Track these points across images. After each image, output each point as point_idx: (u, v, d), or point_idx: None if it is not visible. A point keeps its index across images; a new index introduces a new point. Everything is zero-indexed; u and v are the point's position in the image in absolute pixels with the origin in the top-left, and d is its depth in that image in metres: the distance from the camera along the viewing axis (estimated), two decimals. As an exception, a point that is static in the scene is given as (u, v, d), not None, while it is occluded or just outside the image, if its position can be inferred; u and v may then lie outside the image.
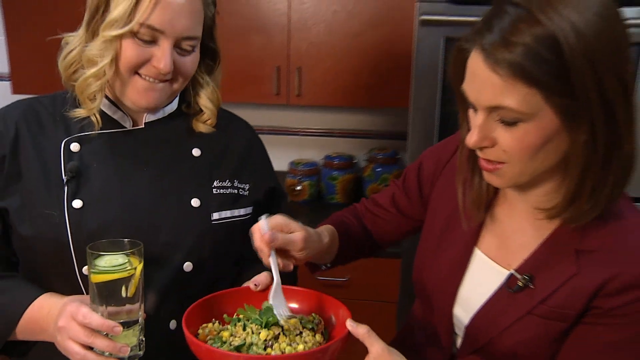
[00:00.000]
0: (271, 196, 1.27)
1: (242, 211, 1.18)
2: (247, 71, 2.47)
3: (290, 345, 0.89)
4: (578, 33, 0.76)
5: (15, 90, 2.67)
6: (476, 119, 0.86)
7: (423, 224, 1.18)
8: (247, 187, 1.20)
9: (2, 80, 2.95)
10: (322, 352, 0.85)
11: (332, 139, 2.90)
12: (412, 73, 2.11)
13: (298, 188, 2.73)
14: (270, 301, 0.94)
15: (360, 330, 0.87)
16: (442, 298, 1.04)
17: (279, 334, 0.91)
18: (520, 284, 0.93)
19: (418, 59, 2.08)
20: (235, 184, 1.18)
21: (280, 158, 2.77)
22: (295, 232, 0.98)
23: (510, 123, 0.83)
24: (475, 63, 0.83)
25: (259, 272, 1.07)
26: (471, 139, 0.87)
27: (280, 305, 0.95)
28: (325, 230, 1.12)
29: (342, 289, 2.31)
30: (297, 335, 0.92)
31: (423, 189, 1.16)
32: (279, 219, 0.98)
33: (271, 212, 1.24)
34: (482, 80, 0.82)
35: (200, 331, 0.95)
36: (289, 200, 1.43)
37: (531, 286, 0.93)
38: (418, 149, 2.13)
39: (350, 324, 0.88)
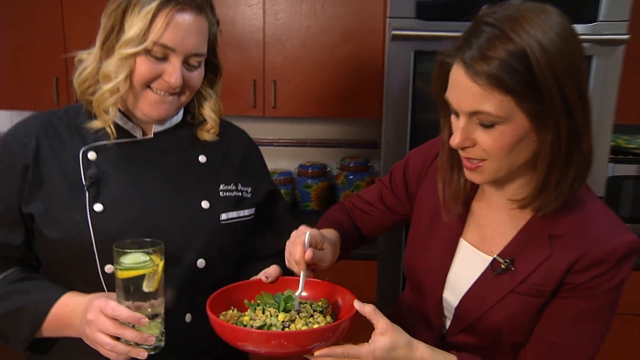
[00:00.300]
0: (270, 198, 1.37)
1: (246, 212, 1.27)
2: (224, 85, 2.50)
3: (306, 325, 1.00)
4: (543, 49, 0.89)
5: (11, 106, 2.71)
6: (458, 123, 0.99)
7: (407, 219, 1.30)
8: (249, 190, 1.29)
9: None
10: (335, 328, 0.96)
11: (306, 149, 3.01)
12: (384, 85, 2.25)
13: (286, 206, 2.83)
14: (296, 305, 1.04)
15: (367, 309, 0.99)
16: (432, 284, 1.16)
17: (295, 317, 1.02)
18: (503, 266, 1.06)
19: (389, 71, 2.21)
20: (239, 187, 1.28)
21: (256, 168, 2.86)
22: (326, 250, 1.10)
23: (488, 125, 0.95)
24: (457, 74, 0.96)
25: (259, 269, 1.17)
26: (455, 140, 0.99)
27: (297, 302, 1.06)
28: (336, 238, 1.22)
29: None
30: (309, 317, 1.02)
31: (409, 187, 1.28)
32: (316, 235, 1.08)
33: (271, 213, 1.35)
34: (464, 89, 0.95)
35: (221, 317, 1.05)
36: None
37: (512, 268, 1.06)
38: (390, 157, 2.27)
39: (357, 304, 0.99)
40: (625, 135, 2.58)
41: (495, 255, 1.08)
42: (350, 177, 2.83)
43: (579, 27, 2.06)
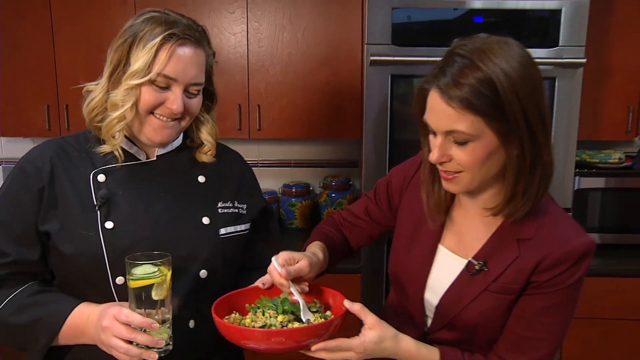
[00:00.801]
0: (263, 214, 1.48)
1: (242, 227, 1.39)
2: None
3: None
4: (507, 76, 1.03)
5: (3, 133, 2.79)
6: (436, 141, 1.12)
7: (391, 229, 1.43)
8: (244, 207, 1.41)
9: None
10: (328, 324, 1.08)
11: (290, 169, 3.14)
12: (363, 107, 2.39)
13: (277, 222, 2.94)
14: (302, 316, 1.15)
15: (356, 307, 1.11)
16: (414, 286, 1.28)
17: (293, 317, 1.13)
18: (477, 268, 1.19)
19: (368, 94, 2.36)
20: (236, 204, 1.39)
21: (242, 188, 2.98)
22: (300, 262, 1.20)
23: (462, 143, 1.09)
24: (434, 99, 1.09)
25: (255, 278, 1.28)
26: (433, 156, 1.13)
27: (306, 313, 1.17)
28: (318, 248, 1.34)
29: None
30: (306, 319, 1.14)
31: (392, 200, 1.41)
32: (284, 255, 1.20)
33: (264, 228, 1.47)
34: (440, 112, 1.08)
35: (225, 320, 1.15)
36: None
37: (485, 269, 1.19)
38: (371, 174, 2.40)
39: (347, 303, 1.12)
40: (590, 150, 2.76)
41: (470, 258, 1.21)
42: (333, 195, 2.96)
43: (541, 52, 2.26)
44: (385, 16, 2.29)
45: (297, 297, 1.17)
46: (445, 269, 1.25)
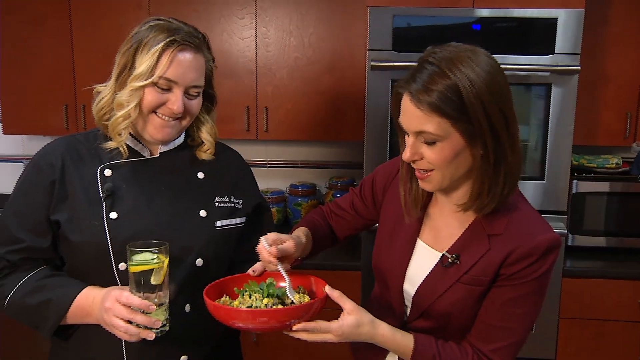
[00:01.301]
0: (258, 209, 1.58)
1: (237, 220, 1.49)
2: (220, 111, 2.74)
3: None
4: (472, 83, 1.12)
5: (6, 130, 2.93)
6: (408, 141, 1.22)
7: (374, 223, 1.53)
8: (240, 202, 1.51)
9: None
10: (308, 306, 1.18)
11: (296, 170, 3.25)
12: (365, 110, 2.49)
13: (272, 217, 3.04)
14: (288, 293, 1.25)
15: (335, 293, 1.21)
16: (394, 278, 1.37)
17: (277, 301, 1.23)
18: (450, 260, 1.28)
19: (369, 98, 2.45)
20: (232, 199, 1.49)
21: (250, 188, 3.09)
22: (286, 242, 1.30)
23: (431, 143, 1.18)
24: (406, 102, 1.19)
25: (248, 269, 1.38)
26: (405, 155, 1.22)
27: (291, 292, 1.27)
28: (302, 233, 1.44)
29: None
30: (290, 302, 1.24)
31: (376, 197, 1.50)
32: (272, 235, 1.30)
33: (259, 222, 1.57)
34: (410, 114, 1.18)
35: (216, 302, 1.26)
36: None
37: (458, 262, 1.27)
38: (372, 175, 2.49)
39: (328, 289, 1.21)
40: (588, 155, 2.82)
41: (444, 252, 1.30)
42: (338, 195, 3.05)
43: (538, 59, 2.34)
44: (386, 23, 2.38)
45: (283, 274, 1.26)
46: (423, 262, 1.34)
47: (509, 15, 2.36)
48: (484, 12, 2.37)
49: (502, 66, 2.25)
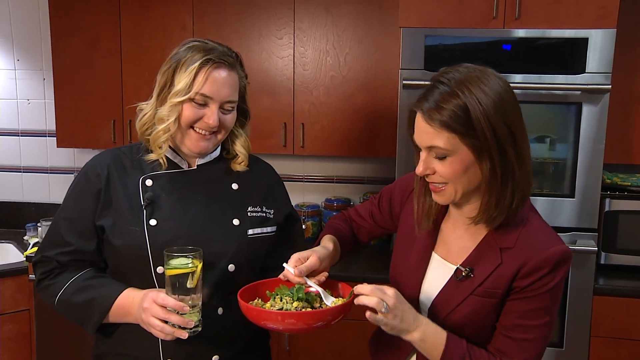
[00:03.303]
0: (288, 220, 1.66)
1: (268, 229, 1.57)
2: (259, 127, 2.89)
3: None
4: (479, 101, 1.19)
5: (59, 144, 3.12)
6: (421, 156, 1.29)
7: (392, 231, 1.60)
8: (272, 212, 1.60)
9: (50, 136, 3.44)
10: (334, 310, 1.27)
11: (332, 184, 3.33)
12: (397, 128, 2.56)
13: (303, 227, 3.13)
14: (325, 301, 1.34)
15: (366, 289, 1.25)
16: (410, 289, 1.42)
17: (307, 305, 1.32)
18: (464, 274, 1.33)
19: (401, 116, 2.52)
20: (264, 209, 1.58)
21: (286, 201, 3.20)
22: (310, 258, 1.38)
23: (441, 157, 1.25)
24: (418, 120, 1.27)
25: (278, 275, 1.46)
26: (419, 169, 1.30)
27: (327, 298, 1.36)
28: (329, 241, 1.52)
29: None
30: (319, 306, 1.33)
31: (394, 209, 1.58)
32: (294, 257, 1.38)
33: (289, 232, 1.65)
34: (422, 130, 1.25)
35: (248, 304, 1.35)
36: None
37: (472, 275, 1.33)
38: (404, 190, 2.55)
39: (357, 288, 1.27)
40: (622, 174, 2.81)
41: (458, 265, 1.35)
42: (371, 210, 3.12)
43: (569, 78, 2.37)
44: (418, 43, 2.46)
45: (314, 287, 1.35)
46: (437, 275, 1.39)
47: (539, 36, 2.41)
48: (515, 33, 2.41)
49: (532, 85, 2.32)
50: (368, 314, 1.23)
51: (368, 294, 1.24)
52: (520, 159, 1.25)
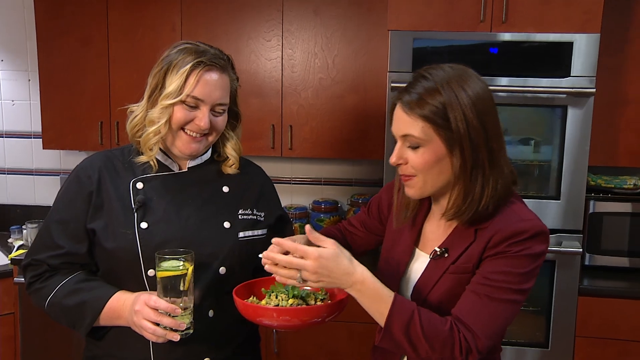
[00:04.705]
0: (279, 221, 1.67)
1: (259, 232, 1.58)
2: (247, 128, 2.83)
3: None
4: (457, 96, 1.23)
5: (45, 146, 3.09)
6: (396, 145, 1.32)
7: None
8: (262, 215, 1.60)
9: (35, 137, 3.42)
10: (328, 307, 1.29)
11: (320, 186, 3.34)
12: (386, 130, 2.57)
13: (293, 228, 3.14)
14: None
15: (314, 234, 1.28)
16: (395, 278, 1.45)
17: (302, 302, 1.33)
18: (438, 253, 1.36)
19: (389, 119, 2.53)
20: (254, 211, 1.58)
21: (274, 203, 3.20)
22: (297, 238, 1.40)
23: (414, 147, 1.28)
24: (397, 110, 1.30)
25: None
26: (392, 158, 1.32)
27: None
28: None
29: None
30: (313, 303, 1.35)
31: (382, 214, 1.61)
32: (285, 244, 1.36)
33: (280, 233, 1.66)
34: (398, 118, 1.29)
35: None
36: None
37: (446, 255, 1.35)
38: (392, 192, 2.57)
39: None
40: (606, 176, 2.85)
41: (435, 248, 1.38)
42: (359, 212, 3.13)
43: (554, 81, 2.40)
44: (406, 46, 2.48)
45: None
46: (420, 266, 1.42)
47: (525, 39, 2.44)
48: (502, 36, 2.45)
49: (518, 88, 2.35)
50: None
51: (284, 266, 1.24)
52: (492, 157, 1.28)
